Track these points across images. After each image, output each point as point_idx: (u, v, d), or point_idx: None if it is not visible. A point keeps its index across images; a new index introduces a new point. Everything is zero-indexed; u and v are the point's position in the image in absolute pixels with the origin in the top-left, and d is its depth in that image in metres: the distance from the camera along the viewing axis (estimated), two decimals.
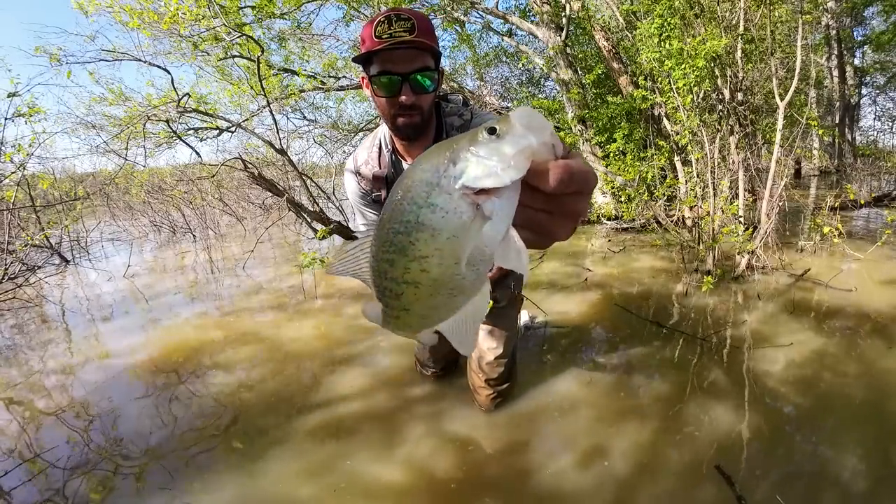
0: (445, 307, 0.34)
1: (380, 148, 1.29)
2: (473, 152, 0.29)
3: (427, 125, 1.15)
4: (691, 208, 3.87)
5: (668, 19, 3.90)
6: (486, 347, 1.66)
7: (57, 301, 3.84)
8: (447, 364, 1.97)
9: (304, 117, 7.84)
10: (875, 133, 13.05)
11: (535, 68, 7.82)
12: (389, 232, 0.31)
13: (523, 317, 2.45)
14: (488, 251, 0.30)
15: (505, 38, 7.31)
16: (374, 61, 1.03)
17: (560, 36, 5.47)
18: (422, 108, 1.08)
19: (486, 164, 0.28)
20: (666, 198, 4.49)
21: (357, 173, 1.33)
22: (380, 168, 1.28)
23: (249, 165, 5.25)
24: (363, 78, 1.09)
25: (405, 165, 1.27)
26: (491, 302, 1.55)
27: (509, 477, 1.42)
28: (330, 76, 6.16)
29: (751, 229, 3.26)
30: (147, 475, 1.53)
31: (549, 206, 0.31)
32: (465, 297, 0.33)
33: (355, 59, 1.06)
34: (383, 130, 1.27)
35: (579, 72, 5.78)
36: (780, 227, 4.03)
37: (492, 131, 0.29)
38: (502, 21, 6.62)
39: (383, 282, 0.33)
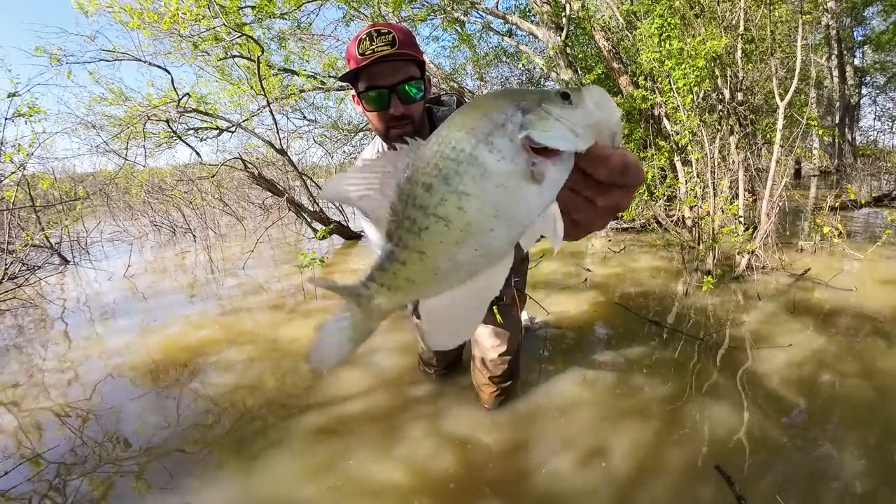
0: (463, 269, 0.29)
1: None
2: (546, 108, 0.27)
3: (420, 134, 1.17)
4: (691, 208, 3.87)
5: (668, 19, 3.90)
6: (489, 345, 1.67)
7: (57, 301, 3.84)
8: (450, 363, 1.98)
9: (304, 117, 7.85)
10: (875, 133, 13.09)
11: (535, 68, 7.81)
12: (437, 154, 0.28)
13: (523, 317, 2.45)
14: (527, 217, 0.28)
15: (505, 38, 7.32)
16: (361, 78, 1.06)
17: (560, 36, 5.47)
18: (412, 116, 1.11)
19: (556, 124, 0.27)
20: (666, 198, 4.49)
21: None
22: None
23: (249, 165, 5.26)
24: (353, 96, 1.12)
25: None
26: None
27: (510, 476, 1.42)
28: (330, 76, 6.16)
29: (751, 229, 3.26)
30: (147, 475, 1.53)
31: (594, 195, 0.31)
32: (487, 262, 0.30)
33: (342, 78, 1.09)
34: (381, 141, 1.29)
35: (579, 72, 5.78)
36: (780, 227, 4.03)
37: (565, 96, 0.28)
38: (502, 21, 6.62)
39: (409, 209, 0.28)
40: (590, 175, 0.29)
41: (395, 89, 1.05)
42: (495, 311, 1.62)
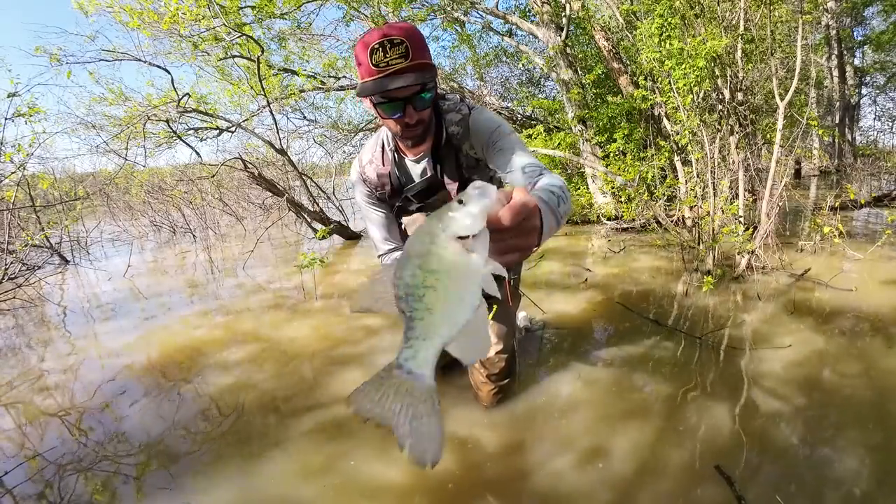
0: (458, 314, 0.44)
1: (383, 147, 1.37)
2: (452, 217, 0.44)
3: (428, 132, 1.23)
4: (691, 208, 3.87)
5: (669, 19, 3.90)
6: None
7: (57, 301, 3.84)
8: (448, 363, 1.98)
9: (304, 117, 7.85)
10: (875, 133, 13.11)
11: (535, 68, 7.81)
12: (410, 262, 0.44)
13: (521, 317, 2.45)
14: (479, 272, 0.45)
15: (505, 38, 7.32)
16: (376, 88, 1.08)
17: (560, 36, 5.47)
18: (424, 120, 1.16)
19: (462, 222, 0.43)
20: (666, 198, 4.49)
21: (362, 175, 1.41)
22: (383, 165, 1.36)
23: (249, 165, 5.26)
24: (366, 97, 1.15)
25: (408, 162, 1.35)
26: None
27: (509, 476, 1.42)
28: (330, 76, 6.17)
29: (751, 229, 3.26)
30: (147, 475, 1.53)
31: (511, 235, 0.48)
32: (471, 307, 0.45)
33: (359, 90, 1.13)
34: (386, 131, 1.34)
35: (579, 72, 5.78)
36: (780, 227, 4.03)
37: (460, 202, 0.44)
38: (502, 21, 6.62)
39: (407, 289, 0.44)
40: (498, 229, 0.46)
41: (410, 100, 1.08)
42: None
